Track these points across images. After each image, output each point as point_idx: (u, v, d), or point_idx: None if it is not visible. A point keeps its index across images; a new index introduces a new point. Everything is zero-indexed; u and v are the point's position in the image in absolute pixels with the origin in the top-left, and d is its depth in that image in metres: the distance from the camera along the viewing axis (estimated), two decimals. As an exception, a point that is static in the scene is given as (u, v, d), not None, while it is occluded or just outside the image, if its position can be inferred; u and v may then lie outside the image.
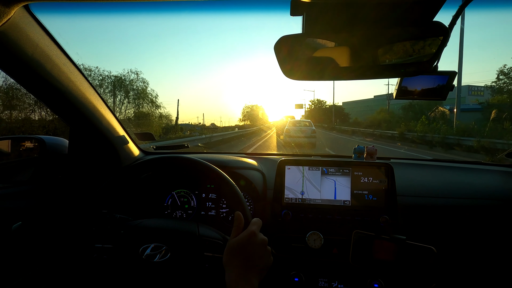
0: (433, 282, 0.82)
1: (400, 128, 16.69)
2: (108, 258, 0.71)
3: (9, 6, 0.55)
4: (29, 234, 0.94)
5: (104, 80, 16.35)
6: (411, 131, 15.41)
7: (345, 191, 0.99)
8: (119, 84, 16.68)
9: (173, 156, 0.84)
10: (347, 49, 0.54)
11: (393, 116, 25.72)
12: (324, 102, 48.66)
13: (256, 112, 46.27)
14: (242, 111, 47.68)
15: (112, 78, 16.53)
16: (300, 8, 0.48)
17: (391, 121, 22.73)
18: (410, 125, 16.84)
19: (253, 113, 45.89)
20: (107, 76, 16.42)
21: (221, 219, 1.13)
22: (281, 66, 0.56)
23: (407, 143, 14.25)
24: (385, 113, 27.95)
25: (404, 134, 15.66)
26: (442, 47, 0.50)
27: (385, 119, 24.87)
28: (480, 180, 1.14)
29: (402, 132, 15.90)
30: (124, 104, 16.84)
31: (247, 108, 47.58)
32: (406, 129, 16.28)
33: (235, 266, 0.61)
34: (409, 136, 14.98)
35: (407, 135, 15.25)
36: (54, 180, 1.08)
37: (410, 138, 14.64)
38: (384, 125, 22.16)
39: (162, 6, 1.12)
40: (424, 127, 14.71)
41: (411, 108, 22.90)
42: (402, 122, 18.85)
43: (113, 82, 16.58)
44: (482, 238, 0.98)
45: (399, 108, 29.13)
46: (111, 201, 0.80)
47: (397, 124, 19.24)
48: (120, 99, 16.85)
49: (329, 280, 0.96)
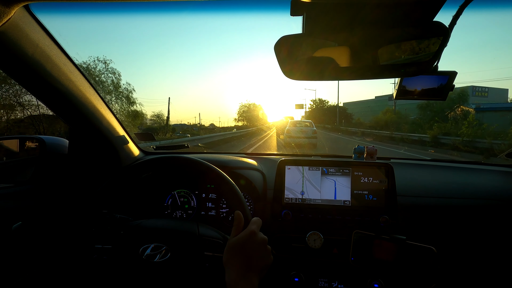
0: (433, 282, 0.82)
1: (432, 131, 13.53)
2: (108, 258, 0.71)
3: (9, 6, 0.55)
4: (29, 234, 0.94)
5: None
6: (448, 135, 12.48)
7: (345, 191, 0.99)
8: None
9: (173, 156, 0.84)
10: (347, 49, 0.54)
11: (400, 117, 24.32)
12: (326, 101, 45.82)
13: (253, 111, 42.70)
14: (238, 111, 44.06)
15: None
16: (300, 8, 0.48)
17: (398, 122, 21.34)
18: (447, 127, 13.94)
19: (251, 113, 42.32)
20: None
21: (221, 219, 1.13)
22: (281, 66, 0.56)
23: (444, 149, 11.02)
24: (391, 114, 25.86)
25: (438, 138, 12.43)
26: (442, 47, 0.50)
27: (392, 119, 22.92)
28: (480, 180, 1.14)
29: (435, 136, 12.60)
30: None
31: (243, 107, 43.87)
32: (441, 131, 13.13)
33: (235, 266, 0.61)
34: (447, 141, 11.77)
35: (444, 140, 12.03)
36: (54, 180, 1.08)
37: (450, 143, 11.36)
38: (391, 126, 20.56)
39: (162, 6, 1.12)
40: (471, 129, 11.62)
41: (429, 107, 19.77)
42: (420, 122, 17.34)
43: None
44: (482, 238, 0.98)
45: (406, 108, 27.91)
46: (111, 201, 0.80)
47: (411, 125, 17.87)
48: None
49: (329, 280, 0.96)
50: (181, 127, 29.14)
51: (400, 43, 0.54)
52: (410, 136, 14.67)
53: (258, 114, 42.64)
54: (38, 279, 0.95)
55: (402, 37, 0.53)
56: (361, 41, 0.54)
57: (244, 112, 43.14)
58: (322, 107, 44.56)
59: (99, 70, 14.19)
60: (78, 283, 0.91)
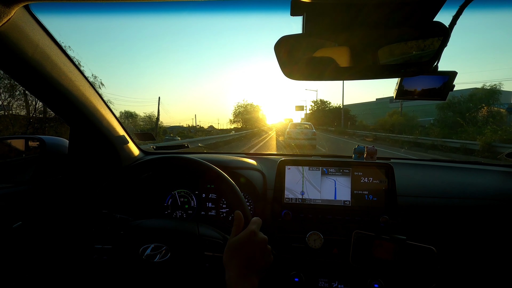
0: (433, 282, 0.82)
1: (484, 137, 10.07)
2: (108, 258, 0.71)
3: (9, 6, 0.55)
4: (29, 234, 0.94)
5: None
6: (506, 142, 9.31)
7: (345, 191, 0.99)
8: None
9: (173, 156, 0.84)
10: (347, 49, 0.54)
11: (408, 119, 21.80)
12: (328, 103, 43.21)
13: (251, 113, 38.97)
14: (234, 111, 40.47)
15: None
16: (300, 8, 0.48)
17: (406, 125, 19.09)
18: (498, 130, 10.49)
19: (248, 114, 38.68)
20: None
21: (221, 219, 1.13)
22: (281, 67, 0.56)
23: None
24: (398, 116, 23.60)
25: (493, 147, 9.16)
26: (442, 47, 0.50)
27: (399, 122, 20.77)
28: (480, 180, 1.14)
29: (488, 143, 9.42)
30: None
31: (239, 108, 40.21)
32: (504, 136, 9.80)
33: (236, 265, 0.61)
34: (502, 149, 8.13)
35: (502, 148, 8.44)
36: (54, 180, 1.08)
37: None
38: (398, 128, 18.63)
39: (163, 6, 1.12)
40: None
41: (451, 107, 17.21)
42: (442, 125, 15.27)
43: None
44: (482, 238, 0.98)
45: (413, 110, 25.99)
46: (111, 201, 0.79)
47: (428, 129, 15.96)
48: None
49: (329, 280, 0.96)
50: (178, 129, 27.50)
51: (400, 43, 0.54)
52: (446, 142, 11.18)
53: (256, 115, 39.54)
54: (38, 279, 0.95)
55: (402, 37, 0.53)
56: (361, 41, 0.54)
57: (240, 113, 39.59)
58: (324, 109, 43.06)
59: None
60: (78, 283, 0.91)
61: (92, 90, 0.96)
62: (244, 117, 38.59)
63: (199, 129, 39.72)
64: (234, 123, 39.05)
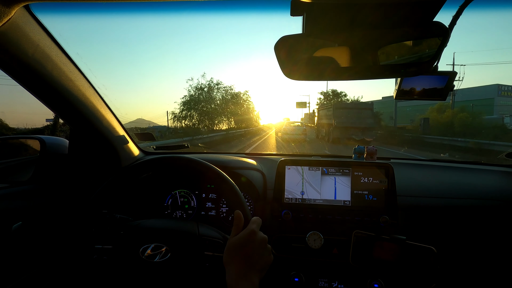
0: (433, 282, 0.82)
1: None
2: (108, 258, 0.71)
3: (9, 6, 0.55)
4: (29, 234, 0.94)
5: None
6: None
7: (345, 191, 0.99)
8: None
9: (173, 156, 0.84)
10: (347, 49, 0.54)
11: (475, 118, 15.28)
12: (343, 94, 30.06)
13: (242, 105, 25.50)
14: (184, 100, 24.52)
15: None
16: (300, 8, 0.48)
17: (473, 126, 13.22)
18: None
19: (237, 106, 24.78)
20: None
21: (221, 219, 1.13)
22: (281, 66, 0.56)
23: None
24: (454, 112, 16.65)
25: None
26: (442, 48, 0.50)
27: (462, 121, 14.38)
28: (480, 180, 1.14)
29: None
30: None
31: (195, 90, 23.66)
32: None
33: (236, 265, 0.61)
34: None
35: None
36: (54, 180, 1.08)
37: None
38: (460, 130, 12.97)
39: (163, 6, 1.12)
40: None
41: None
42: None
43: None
44: (482, 238, 0.98)
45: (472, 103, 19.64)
46: (111, 201, 0.80)
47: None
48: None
49: (329, 280, 0.96)
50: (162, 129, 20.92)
51: (400, 43, 0.54)
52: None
53: (245, 107, 25.93)
54: (38, 279, 0.95)
55: (402, 37, 0.53)
56: (361, 41, 0.54)
57: (194, 100, 22.48)
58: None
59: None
60: (78, 283, 0.91)
61: (92, 90, 0.96)
62: (234, 110, 24.25)
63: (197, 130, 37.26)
64: (181, 119, 22.60)
